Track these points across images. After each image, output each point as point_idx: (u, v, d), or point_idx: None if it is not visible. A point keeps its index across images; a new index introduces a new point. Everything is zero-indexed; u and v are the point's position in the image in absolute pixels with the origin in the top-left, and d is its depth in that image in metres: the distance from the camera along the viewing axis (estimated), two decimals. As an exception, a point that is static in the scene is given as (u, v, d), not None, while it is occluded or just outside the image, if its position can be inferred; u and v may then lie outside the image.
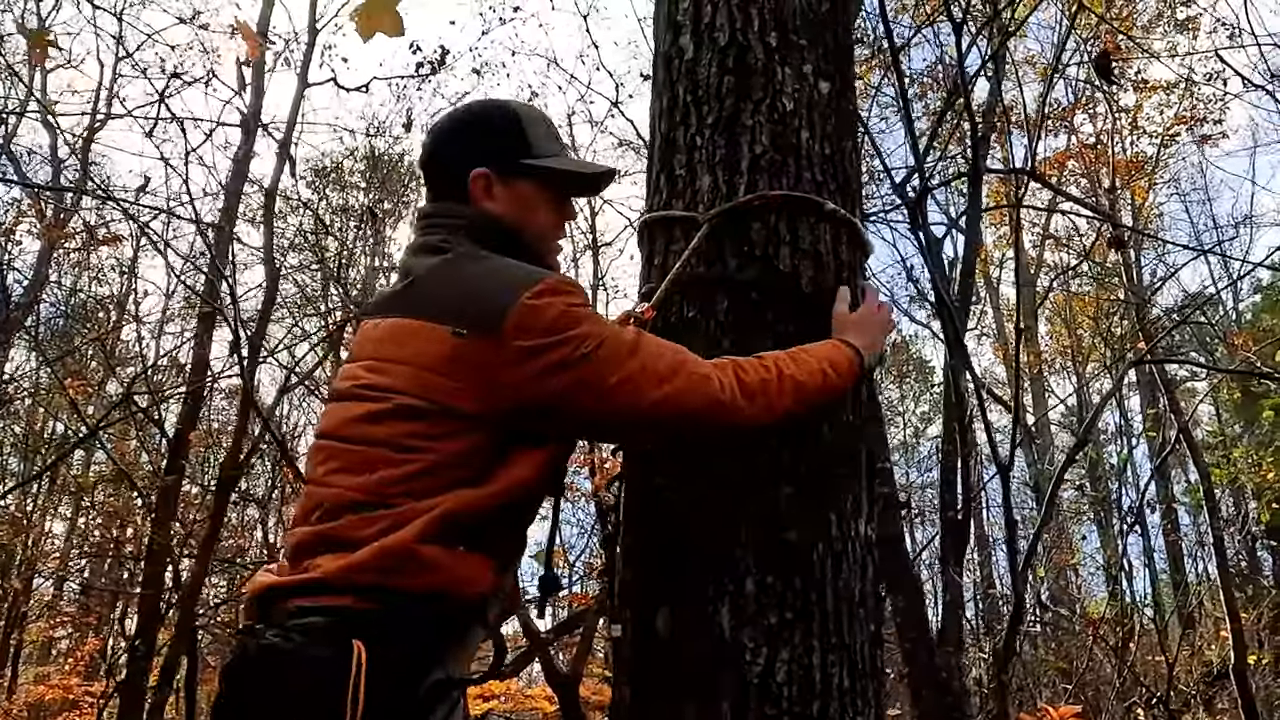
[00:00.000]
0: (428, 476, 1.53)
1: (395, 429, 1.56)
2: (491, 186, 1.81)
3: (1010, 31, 4.85)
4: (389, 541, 1.47)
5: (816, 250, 1.97)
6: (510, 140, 1.84)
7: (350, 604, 1.45)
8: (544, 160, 1.84)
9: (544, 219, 1.86)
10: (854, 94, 2.29)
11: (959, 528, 3.79)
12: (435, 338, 1.59)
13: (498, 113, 1.89)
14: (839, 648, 1.73)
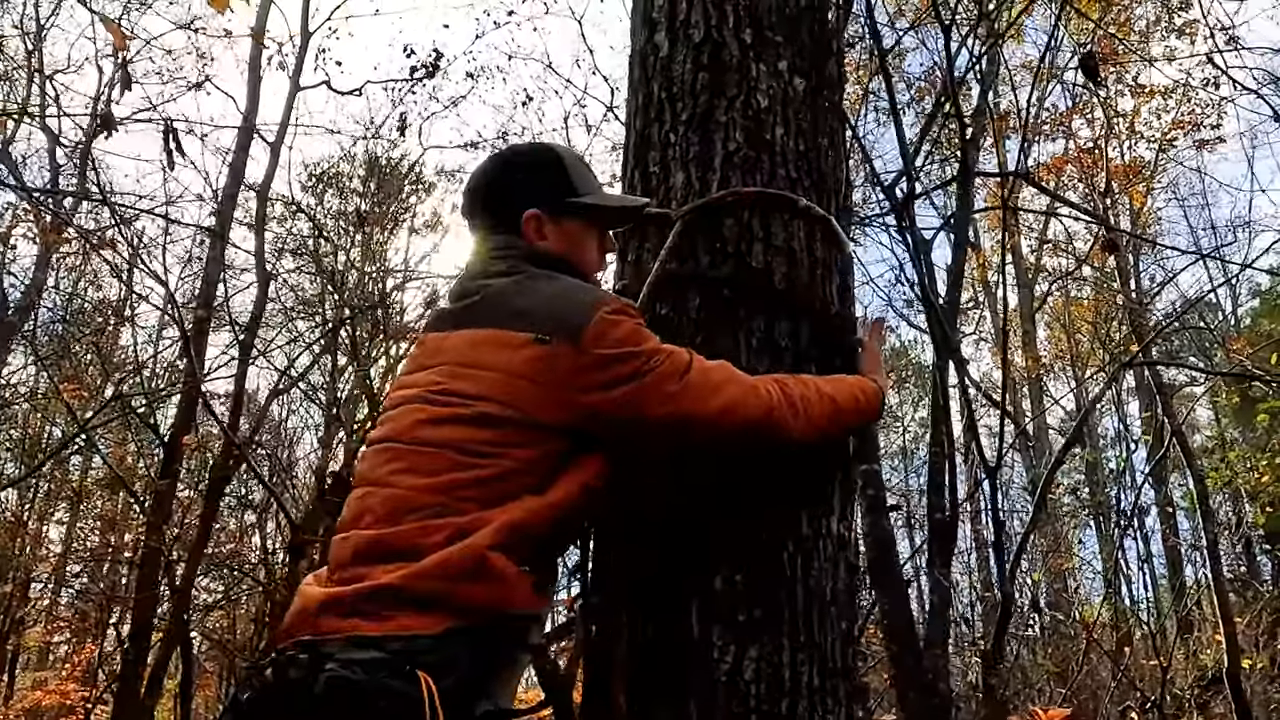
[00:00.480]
0: (497, 483, 1.58)
1: (470, 434, 1.60)
2: (543, 226, 1.88)
3: (1000, 34, 4.86)
4: (460, 549, 1.49)
5: (790, 247, 1.97)
6: (556, 181, 1.92)
7: (409, 625, 1.45)
8: (587, 199, 1.92)
9: (590, 254, 1.94)
10: (832, 91, 2.27)
11: (947, 530, 3.78)
12: (520, 344, 1.65)
13: (543, 154, 1.99)
14: (809, 646, 1.72)
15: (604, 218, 1.96)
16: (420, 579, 1.47)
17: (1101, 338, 15.57)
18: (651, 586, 1.74)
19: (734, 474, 1.76)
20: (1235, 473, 10.96)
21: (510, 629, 1.55)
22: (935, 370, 3.84)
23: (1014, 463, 21.46)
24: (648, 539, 1.78)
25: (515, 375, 1.63)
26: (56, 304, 14.49)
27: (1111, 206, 16.27)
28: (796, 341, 1.89)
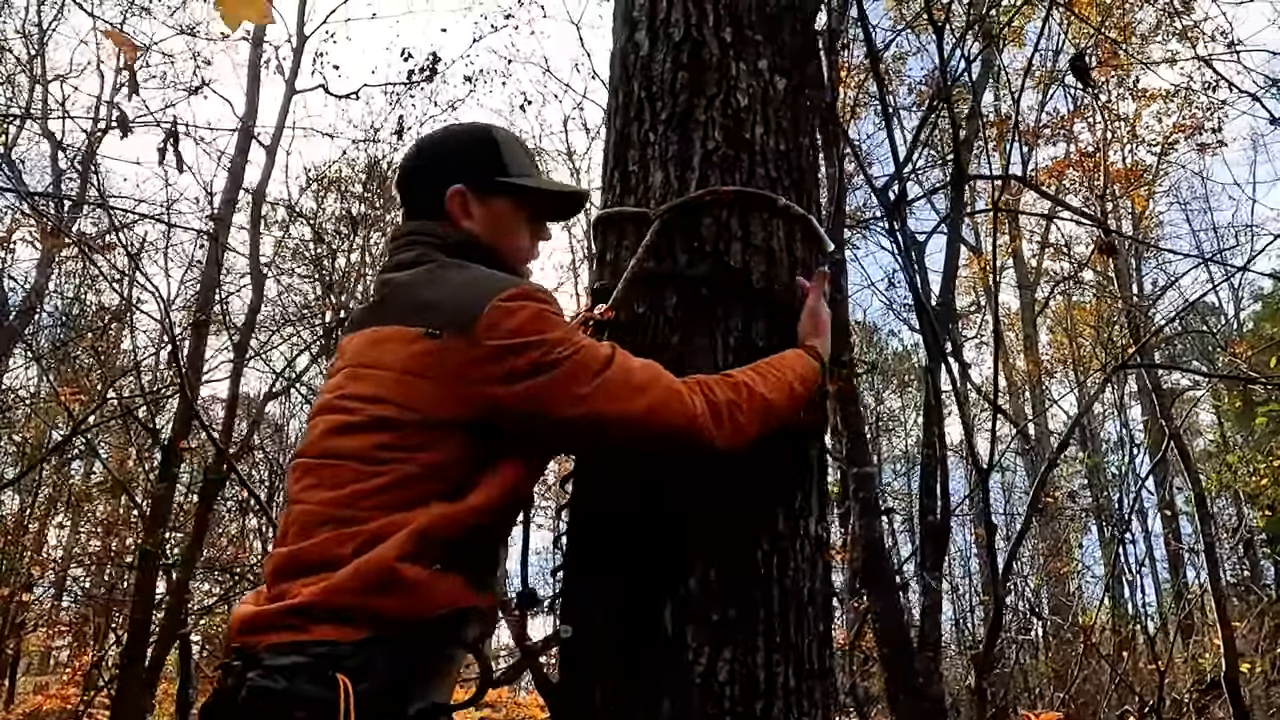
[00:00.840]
0: (398, 490, 1.52)
1: (371, 439, 1.56)
2: (469, 204, 1.82)
3: (994, 36, 4.85)
4: (368, 561, 1.46)
5: (769, 246, 1.96)
6: (486, 159, 1.86)
7: (330, 634, 1.43)
8: (519, 179, 1.86)
9: (518, 240, 1.88)
10: (813, 91, 2.27)
11: (939, 533, 3.77)
12: (413, 339, 1.59)
13: (475, 133, 1.92)
14: (784, 646, 1.71)
15: (537, 202, 1.90)
16: (335, 594, 1.45)
17: (1103, 341, 15.55)
18: (627, 586, 1.73)
19: (709, 473, 1.75)
20: (1235, 476, 10.93)
21: (439, 629, 1.52)
22: (927, 373, 3.83)
23: (1016, 466, 21.46)
24: (623, 538, 1.77)
25: (407, 372, 1.58)
26: (58, 308, 14.52)
27: (1114, 210, 16.26)
28: (773, 341, 1.88)
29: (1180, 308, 12.29)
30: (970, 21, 4.83)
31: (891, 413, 26.97)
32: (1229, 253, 17.99)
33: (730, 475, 1.75)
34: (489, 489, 1.58)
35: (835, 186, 4.20)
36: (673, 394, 1.61)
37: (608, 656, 1.71)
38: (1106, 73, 14.58)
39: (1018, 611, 10.63)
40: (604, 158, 2.21)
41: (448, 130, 1.98)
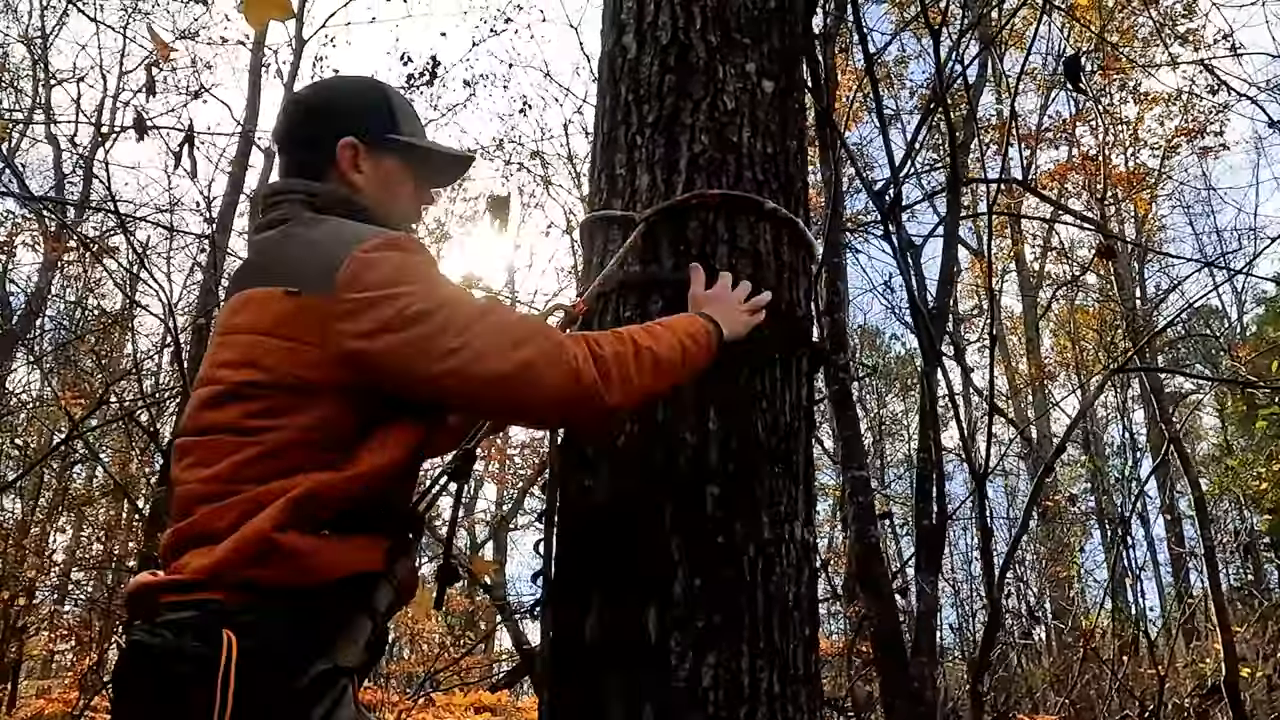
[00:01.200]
0: (273, 459, 1.45)
1: (235, 411, 1.49)
2: (359, 158, 1.75)
3: (991, 38, 4.84)
4: (245, 532, 1.39)
5: (756, 249, 1.95)
6: (380, 115, 1.80)
7: (222, 599, 1.38)
8: (410, 138, 1.81)
9: (404, 200, 1.82)
10: (801, 94, 2.27)
11: (934, 537, 3.76)
12: (269, 300, 1.52)
13: (368, 87, 1.86)
14: (769, 652, 1.70)
15: (424, 164, 1.85)
16: (218, 566, 1.39)
17: (1105, 344, 15.52)
18: (611, 591, 1.73)
19: (694, 477, 1.74)
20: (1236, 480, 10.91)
21: (336, 594, 1.44)
22: (923, 377, 3.82)
23: (1019, 470, 21.43)
24: (607, 543, 1.76)
25: (268, 335, 1.49)
26: (59, 311, 14.54)
27: (1116, 213, 16.24)
28: (759, 345, 1.87)
29: (1182, 311, 12.27)
30: (966, 27, 4.82)
31: (894, 416, 26.95)
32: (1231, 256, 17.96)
33: (715, 479, 1.74)
34: (380, 453, 1.50)
35: (832, 190, 4.19)
36: (553, 347, 1.51)
37: (592, 662, 1.70)
38: (1108, 76, 14.57)
39: (1018, 615, 10.60)
40: (591, 160, 2.21)
41: (337, 80, 1.94)
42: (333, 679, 1.42)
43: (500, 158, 15.20)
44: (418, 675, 12.70)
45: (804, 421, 1.95)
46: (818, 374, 2.14)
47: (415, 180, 1.85)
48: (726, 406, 1.80)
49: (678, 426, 1.78)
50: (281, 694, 1.35)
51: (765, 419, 1.84)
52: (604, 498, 1.79)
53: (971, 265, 17.85)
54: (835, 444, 4.35)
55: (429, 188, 1.90)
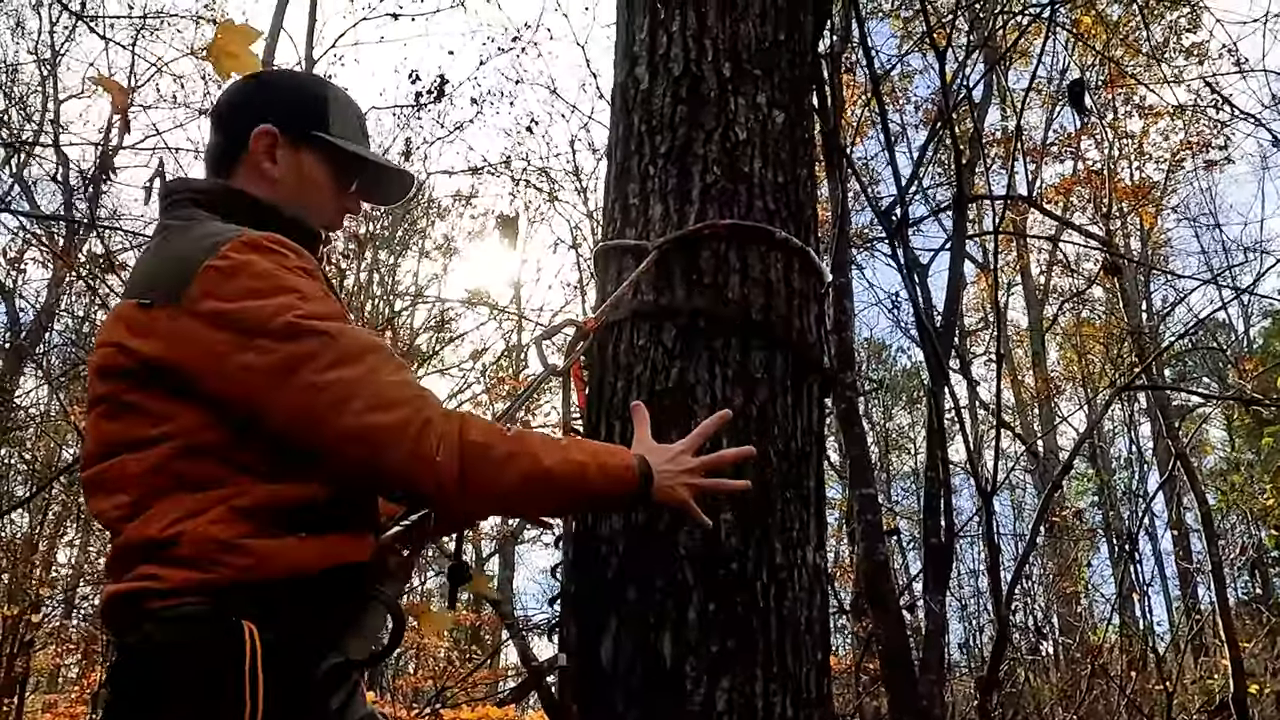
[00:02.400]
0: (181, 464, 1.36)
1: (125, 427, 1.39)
2: (275, 148, 1.62)
3: (998, 58, 4.88)
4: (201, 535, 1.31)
5: (767, 278, 1.98)
6: (310, 109, 1.66)
7: (217, 599, 1.31)
8: (339, 140, 1.66)
9: (322, 200, 1.67)
10: (811, 123, 2.31)
11: (942, 555, 3.78)
12: (124, 312, 1.41)
13: (309, 82, 1.77)
14: (782, 676, 1.73)
15: (353, 172, 1.69)
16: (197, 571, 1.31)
17: (1112, 358, 15.52)
18: (626, 614, 1.75)
19: (707, 503, 1.77)
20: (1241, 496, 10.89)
21: (332, 586, 1.36)
22: (930, 394, 3.84)
23: (1026, 485, 21.39)
24: (623, 567, 1.79)
25: (114, 347, 1.39)
26: (68, 327, 14.60)
27: (1122, 227, 16.26)
28: (771, 372, 1.90)
29: (1189, 325, 12.28)
30: (972, 46, 4.86)
31: (900, 429, 26.93)
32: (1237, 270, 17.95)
33: (728, 505, 1.77)
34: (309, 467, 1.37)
35: (839, 208, 4.22)
36: (419, 424, 1.34)
37: (607, 686, 1.73)
38: (1114, 90, 14.60)
39: (1026, 631, 10.60)
40: (604, 190, 2.24)
41: (279, 73, 1.84)
42: (345, 672, 1.39)
43: (508, 175, 15.26)
44: (424, 690, 12.71)
45: (815, 446, 1.98)
46: (828, 398, 2.17)
47: (338, 185, 1.69)
48: (740, 432, 1.83)
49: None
50: (302, 684, 1.32)
51: (777, 445, 1.87)
52: (619, 523, 1.81)
53: (978, 279, 17.88)
54: (842, 460, 4.37)
55: (359, 198, 1.76)
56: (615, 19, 2.39)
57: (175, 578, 1.32)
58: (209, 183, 1.61)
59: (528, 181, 15.11)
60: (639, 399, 1.85)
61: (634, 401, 1.76)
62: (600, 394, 1.96)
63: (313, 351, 1.34)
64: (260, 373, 1.33)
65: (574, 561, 1.88)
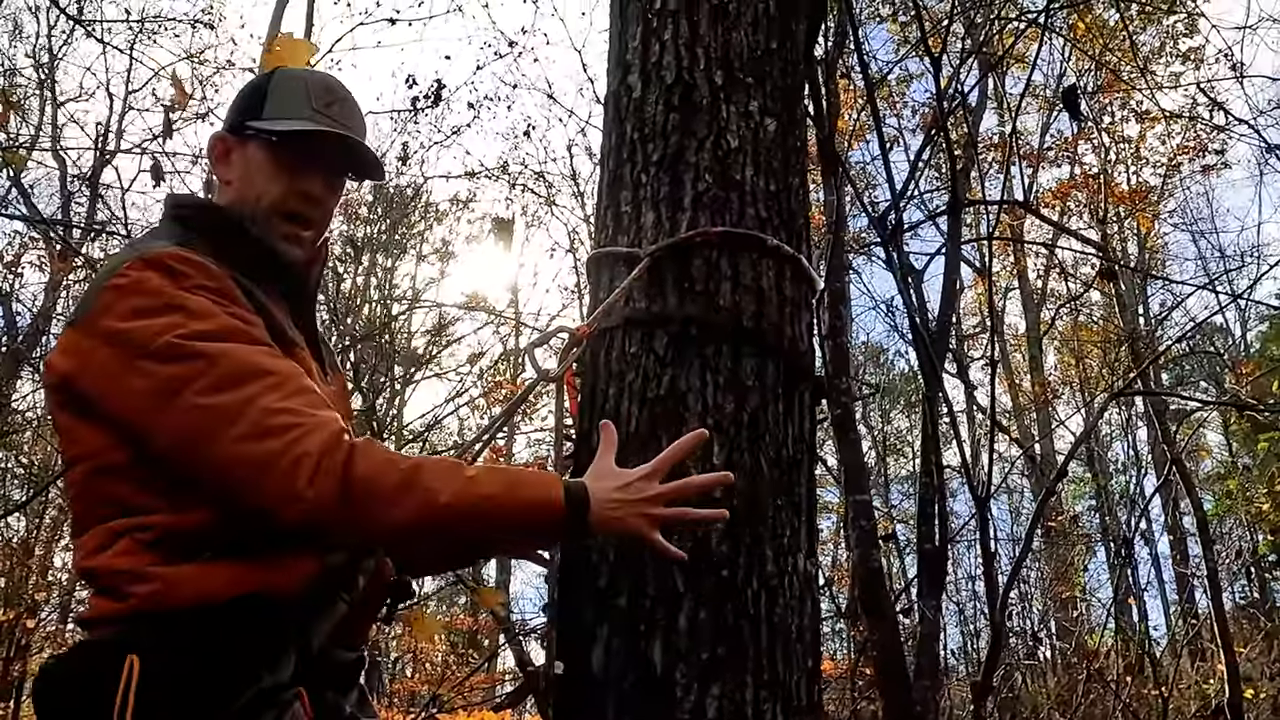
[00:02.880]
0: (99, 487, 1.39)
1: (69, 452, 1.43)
2: (230, 152, 1.66)
3: (994, 64, 4.89)
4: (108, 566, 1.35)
5: (759, 286, 1.99)
6: (249, 102, 1.68)
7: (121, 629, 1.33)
8: (269, 122, 1.64)
9: (271, 191, 1.63)
10: (803, 131, 2.31)
11: (937, 561, 3.78)
12: (63, 333, 1.44)
13: (258, 78, 1.76)
14: (772, 684, 1.73)
15: (290, 145, 1.64)
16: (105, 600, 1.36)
17: (1110, 362, 15.53)
18: (617, 623, 1.75)
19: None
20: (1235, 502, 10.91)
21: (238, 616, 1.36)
22: (925, 400, 3.85)
23: (1023, 488, 21.41)
24: (614, 573, 1.79)
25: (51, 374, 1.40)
26: (65, 331, 14.57)
27: (1118, 232, 16.28)
28: (763, 380, 1.91)
29: (1186, 330, 12.30)
30: (968, 52, 4.87)
31: (899, 432, 26.94)
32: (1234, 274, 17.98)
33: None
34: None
35: (835, 213, 4.24)
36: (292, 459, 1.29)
37: (598, 693, 1.73)
38: (1110, 95, 14.63)
39: (1023, 636, 10.59)
40: (597, 197, 2.25)
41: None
42: (271, 696, 1.37)
43: (505, 179, 15.28)
44: (420, 694, 12.70)
45: (806, 454, 1.99)
46: (819, 406, 2.17)
47: (282, 168, 1.65)
48: (731, 440, 1.83)
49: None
50: (210, 714, 1.31)
51: (769, 453, 1.87)
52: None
53: (975, 283, 17.91)
54: (838, 465, 4.38)
55: (320, 176, 1.69)
56: (608, 27, 2.40)
57: (97, 607, 1.36)
58: (185, 196, 1.70)
59: (525, 186, 15.13)
60: (631, 406, 1.86)
61: (606, 423, 1.72)
62: (592, 401, 1.96)
63: (191, 375, 1.31)
64: (143, 395, 1.32)
65: (564, 568, 1.89)
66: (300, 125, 1.64)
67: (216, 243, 1.57)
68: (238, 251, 1.58)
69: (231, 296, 1.45)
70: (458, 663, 14.45)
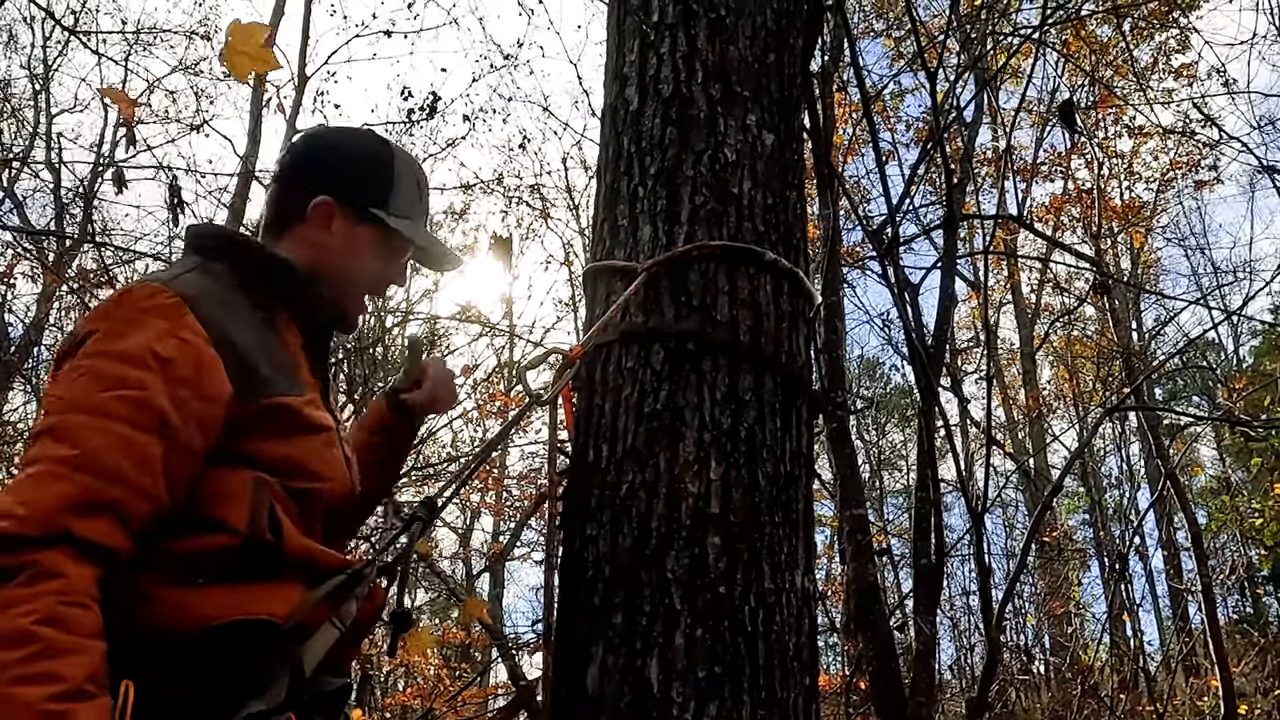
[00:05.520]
0: None
1: None
2: (334, 219, 1.72)
3: (987, 80, 4.91)
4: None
5: (756, 300, 1.98)
6: (371, 182, 1.76)
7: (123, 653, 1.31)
8: (394, 220, 1.76)
9: (369, 273, 1.79)
10: (801, 144, 2.31)
11: (933, 576, 3.77)
12: None
13: (371, 147, 1.81)
14: (770, 702, 1.71)
15: (405, 247, 1.80)
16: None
17: (1103, 377, 15.56)
18: (613, 639, 1.74)
19: (696, 524, 1.76)
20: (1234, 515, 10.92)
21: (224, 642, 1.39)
22: (920, 415, 3.84)
23: (1017, 502, 21.40)
24: (610, 590, 1.77)
25: None
26: (58, 341, 14.54)
27: (1111, 247, 16.33)
28: (760, 394, 1.89)
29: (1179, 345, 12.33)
30: (963, 67, 4.88)
31: (894, 446, 26.95)
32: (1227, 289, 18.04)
33: (716, 528, 1.76)
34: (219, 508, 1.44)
35: (830, 227, 4.23)
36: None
37: (594, 711, 1.71)
38: (1104, 110, 14.69)
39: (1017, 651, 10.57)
40: (594, 211, 2.24)
41: (341, 136, 1.86)
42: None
43: (500, 191, 15.28)
44: (413, 708, 12.62)
45: (803, 470, 1.97)
46: (816, 421, 2.16)
47: (388, 260, 1.80)
48: (728, 456, 1.82)
49: (680, 476, 1.79)
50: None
51: (766, 468, 1.85)
52: (606, 546, 1.80)
53: (969, 297, 17.93)
54: (833, 479, 4.38)
55: (404, 270, 1.86)
56: (605, 40, 2.40)
57: None
58: (204, 226, 1.70)
59: (520, 198, 15.13)
60: (627, 421, 1.85)
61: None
62: (589, 417, 1.95)
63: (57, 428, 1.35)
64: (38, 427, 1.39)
65: (561, 585, 1.87)
66: (425, 239, 1.82)
67: (242, 271, 1.64)
68: (272, 285, 1.66)
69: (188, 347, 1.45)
70: (450, 677, 14.37)
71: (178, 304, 1.47)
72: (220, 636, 1.39)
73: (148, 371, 1.39)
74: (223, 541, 1.44)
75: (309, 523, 1.59)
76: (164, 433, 1.38)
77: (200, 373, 1.44)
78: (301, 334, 1.71)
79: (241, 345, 1.52)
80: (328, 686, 1.59)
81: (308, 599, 1.51)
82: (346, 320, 1.79)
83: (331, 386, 1.83)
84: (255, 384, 1.52)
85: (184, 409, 1.40)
